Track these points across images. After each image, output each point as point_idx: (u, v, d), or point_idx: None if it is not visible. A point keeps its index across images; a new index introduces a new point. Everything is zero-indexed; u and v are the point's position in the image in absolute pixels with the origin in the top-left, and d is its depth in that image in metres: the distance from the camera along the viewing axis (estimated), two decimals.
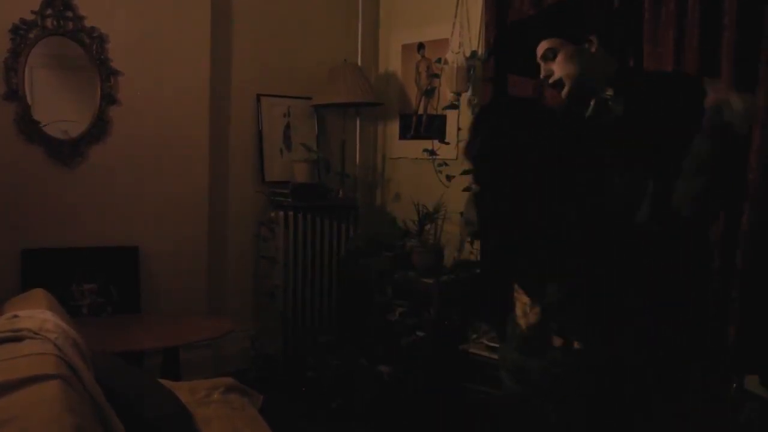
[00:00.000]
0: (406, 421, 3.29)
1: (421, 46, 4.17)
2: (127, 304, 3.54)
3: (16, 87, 3.24)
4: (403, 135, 4.31)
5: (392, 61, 4.38)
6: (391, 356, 3.52)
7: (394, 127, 4.37)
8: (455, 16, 3.85)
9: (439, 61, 3.93)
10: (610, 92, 1.76)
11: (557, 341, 1.75)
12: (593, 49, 1.78)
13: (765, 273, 2.37)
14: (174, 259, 3.71)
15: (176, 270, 3.72)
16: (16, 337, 1.48)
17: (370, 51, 4.46)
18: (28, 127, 3.29)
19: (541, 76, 1.85)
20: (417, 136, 4.19)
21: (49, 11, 3.30)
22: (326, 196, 4.07)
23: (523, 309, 1.84)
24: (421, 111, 4.18)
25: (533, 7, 3.08)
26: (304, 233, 3.97)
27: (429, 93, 4.12)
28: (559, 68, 1.80)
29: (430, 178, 3.99)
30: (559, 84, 1.82)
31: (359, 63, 4.32)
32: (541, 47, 1.83)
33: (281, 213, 3.92)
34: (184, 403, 2.01)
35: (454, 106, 3.85)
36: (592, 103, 1.80)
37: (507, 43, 2.10)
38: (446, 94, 3.89)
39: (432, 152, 3.96)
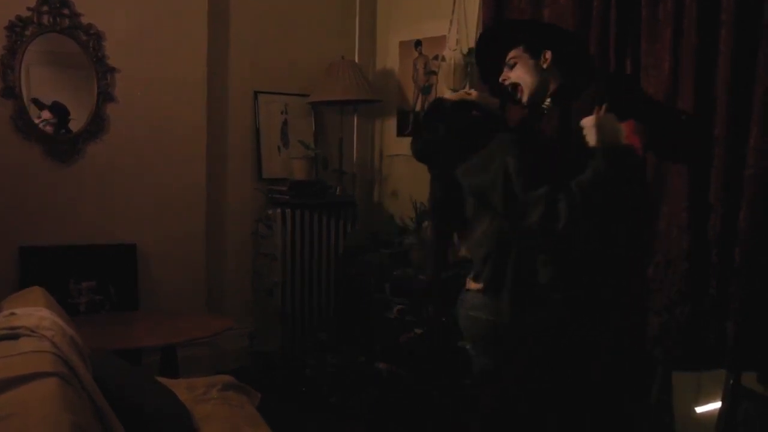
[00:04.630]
0: (405, 418, 3.29)
1: (418, 43, 4.16)
2: (125, 301, 3.54)
3: (12, 84, 3.23)
4: (401, 132, 4.30)
5: (390, 58, 4.37)
6: (389, 353, 3.51)
7: (392, 124, 4.37)
8: (453, 13, 3.84)
9: (436, 58, 3.91)
10: (548, 102, 2.07)
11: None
12: (545, 65, 2.06)
13: (763, 270, 2.37)
14: (172, 257, 3.71)
15: (174, 267, 3.72)
16: (12, 335, 1.48)
17: (367, 48, 4.46)
18: (25, 125, 3.29)
19: (500, 78, 2.14)
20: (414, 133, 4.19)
21: (45, 8, 3.29)
22: (324, 193, 4.07)
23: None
24: (418, 108, 4.18)
25: (530, 4, 3.08)
26: (302, 230, 3.96)
27: (426, 90, 4.12)
28: (515, 75, 2.10)
29: (427, 176, 3.96)
30: (513, 88, 2.11)
31: (357, 60, 4.31)
32: (510, 56, 2.12)
33: (279, 210, 3.91)
34: (183, 400, 2.01)
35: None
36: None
37: (483, 52, 2.29)
38: (443, 91, 3.87)
39: None
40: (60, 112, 3.41)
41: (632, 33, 2.71)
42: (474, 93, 2.16)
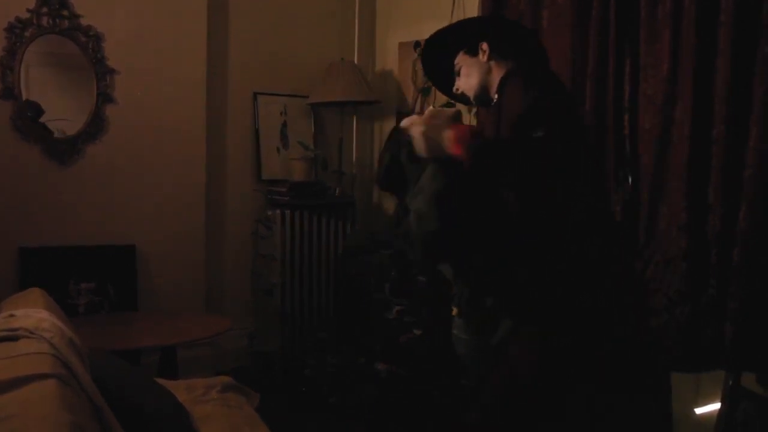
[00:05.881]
0: (405, 418, 3.29)
1: (417, 44, 4.15)
2: (124, 302, 3.54)
3: (11, 85, 3.24)
4: None
5: (389, 59, 4.37)
6: (388, 353, 3.52)
7: (391, 125, 4.36)
8: (452, 14, 3.84)
9: None
10: (496, 95, 1.92)
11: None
12: (484, 58, 1.94)
13: (763, 270, 2.37)
14: (171, 257, 3.71)
15: (173, 268, 3.72)
16: (11, 337, 1.48)
17: (366, 49, 4.46)
18: (25, 126, 3.29)
19: (453, 89, 2.04)
20: None
21: (44, 9, 3.29)
22: (324, 193, 4.07)
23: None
24: (417, 109, 4.18)
25: (529, 4, 3.08)
26: (302, 231, 3.96)
27: (425, 91, 4.11)
28: (462, 82, 1.99)
29: None
30: (464, 96, 2.00)
31: (356, 61, 4.31)
32: (455, 63, 2.00)
33: (278, 211, 3.91)
34: (182, 401, 2.01)
35: (450, 105, 3.84)
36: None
37: (431, 68, 2.19)
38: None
39: None
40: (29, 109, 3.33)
41: (631, 33, 2.71)
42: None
